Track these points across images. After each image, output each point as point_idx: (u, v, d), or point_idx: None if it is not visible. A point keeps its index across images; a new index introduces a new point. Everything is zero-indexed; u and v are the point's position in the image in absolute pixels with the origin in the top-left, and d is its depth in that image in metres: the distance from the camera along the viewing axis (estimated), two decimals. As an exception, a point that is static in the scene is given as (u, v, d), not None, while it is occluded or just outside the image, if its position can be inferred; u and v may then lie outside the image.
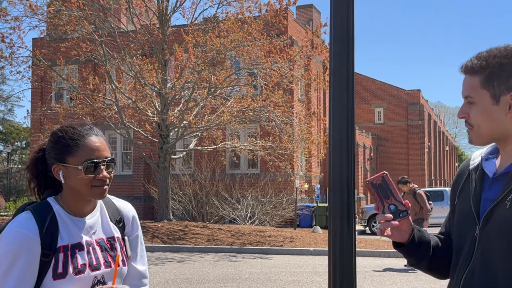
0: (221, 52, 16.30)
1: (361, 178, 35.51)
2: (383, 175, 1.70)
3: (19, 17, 16.32)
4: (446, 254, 1.76)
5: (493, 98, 1.57)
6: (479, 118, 1.60)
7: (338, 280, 2.89)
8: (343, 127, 2.92)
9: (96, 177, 1.80)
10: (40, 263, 1.73)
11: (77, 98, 18.22)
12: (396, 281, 10.05)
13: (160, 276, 10.25)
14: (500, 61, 1.57)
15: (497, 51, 1.59)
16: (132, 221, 2.01)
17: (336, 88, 2.95)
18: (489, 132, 1.60)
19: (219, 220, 20.89)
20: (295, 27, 26.03)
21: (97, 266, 1.82)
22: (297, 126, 18.74)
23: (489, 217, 1.56)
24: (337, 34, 2.90)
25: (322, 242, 15.15)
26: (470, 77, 1.62)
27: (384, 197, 1.69)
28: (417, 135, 40.87)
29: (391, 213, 1.67)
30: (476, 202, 1.63)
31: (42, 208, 1.80)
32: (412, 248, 1.71)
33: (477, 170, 1.69)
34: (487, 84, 1.57)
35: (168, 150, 18.00)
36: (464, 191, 1.70)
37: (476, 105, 1.60)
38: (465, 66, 1.64)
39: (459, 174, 1.79)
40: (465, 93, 1.63)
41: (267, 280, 10.01)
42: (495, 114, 1.58)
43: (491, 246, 1.55)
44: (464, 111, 1.64)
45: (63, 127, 1.86)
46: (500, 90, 1.56)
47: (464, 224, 1.67)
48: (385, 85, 42.33)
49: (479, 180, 1.66)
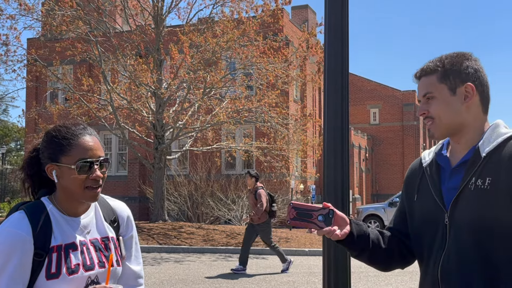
0: (216, 52, 16.28)
1: (356, 179, 35.56)
2: (290, 206, 1.79)
3: (14, 16, 16.26)
4: (388, 248, 1.91)
5: (450, 90, 1.78)
6: (439, 109, 1.79)
7: (333, 280, 2.90)
8: (337, 125, 2.92)
9: (90, 177, 1.78)
10: (33, 263, 1.72)
11: (72, 98, 18.17)
12: (391, 281, 10.06)
13: (155, 277, 10.22)
14: (451, 60, 1.80)
15: (447, 55, 1.83)
16: (126, 221, 1.99)
17: (331, 84, 2.95)
18: (449, 122, 1.78)
19: (215, 220, 20.87)
20: (291, 28, 26.04)
21: (91, 266, 1.81)
22: (292, 127, 18.75)
23: (456, 203, 1.73)
24: (331, 32, 2.91)
25: (318, 243, 15.14)
26: (427, 78, 1.82)
27: (308, 218, 1.77)
28: (412, 135, 40.98)
29: (324, 223, 1.77)
30: (439, 193, 1.79)
31: (36, 208, 1.79)
32: (351, 240, 1.83)
33: (431, 166, 1.86)
34: (444, 78, 1.79)
35: (163, 150, 17.96)
36: (423, 186, 1.86)
37: (436, 98, 1.80)
38: (420, 70, 1.85)
39: (411, 174, 1.97)
40: (423, 91, 1.82)
41: (262, 280, 10.01)
42: (453, 104, 1.78)
43: (463, 229, 1.71)
44: (423, 109, 1.82)
45: (57, 127, 1.85)
46: (456, 83, 1.78)
47: (429, 216, 1.81)
48: (380, 85, 42.42)
49: (436, 174, 1.83)
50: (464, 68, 1.78)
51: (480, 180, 1.69)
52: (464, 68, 1.78)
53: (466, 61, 1.79)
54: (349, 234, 1.82)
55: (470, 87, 1.76)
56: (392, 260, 1.93)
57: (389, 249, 1.91)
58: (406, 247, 1.93)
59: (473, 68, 1.78)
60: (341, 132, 2.87)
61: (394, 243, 1.93)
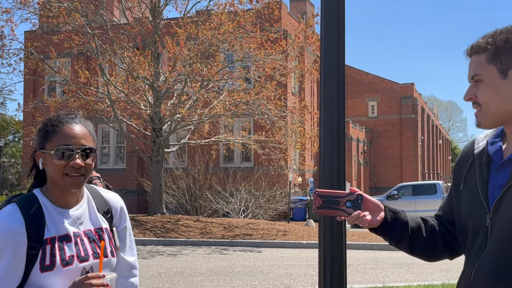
0: (213, 44, 16.23)
1: (354, 172, 35.58)
2: (316, 194, 1.68)
3: (9, 9, 16.17)
4: (431, 237, 1.75)
5: (500, 73, 1.55)
6: (486, 94, 1.57)
7: (329, 272, 2.89)
8: (333, 114, 2.90)
9: (69, 164, 1.75)
10: (26, 255, 1.70)
11: (69, 91, 18.11)
12: (388, 273, 10.08)
13: (153, 269, 10.23)
14: (506, 36, 1.55)
15: (503, 28, 1.58)
16: (120, 212, 1.98)
17: (327, 71, 2.93)
18: (497, 109, 1.56)
19: (213, 213, 20.89)
20: (289, 20, 25.96)
21: (85, 258, 1.79)
22: (290, 119, 18.72)
23: (499, 206, 1.53)
24: (327, 20, 2.88)
25: (315, 235, 15.17)
26: (476, 57, 1.60)
27: (336, 205, 1.67)
28: (410, 128, 40.97)
29: (353, 209, 1.66)
30: (484, 189, 1.59)
31: (28, 200, 1.77)
32: (385, 228, 1.70)
33: (482, 155, 1.64)
34: (494, 59, 1.56)
35: (161, 143, 17.94)
36: (470, 177, 1.66)
37: (484, 82, 1.57)
38: (471, 47, 1.62)
39: (462, 157, 1.75)
40: (471, 73, 1.61)
41: (260, 273, 10.02)
42: (503, 89, 1.55)
43: (503, 235, 1.51)
44: (470, 93, 1.61)
45: (50, 116, 1.86)
46: (507, 64, 1.54)
47: (473, 212, 1.62)
48: (378, 78, 42.37)
49: (485, 166, 1.61)
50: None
51: None
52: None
53: None
54: (384, 221, 1.69)
55: None
56: (435, 249, 1.77)
57: (432, 238, 1.75)
58: (452, 236, 1.76)
59: None
60: (337, 123, 2.85)
61: (439, 232, 1.77)
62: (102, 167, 27.14)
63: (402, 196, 23.38)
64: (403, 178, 37.53)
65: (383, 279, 9.39)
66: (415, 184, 24.72)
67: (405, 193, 23.61)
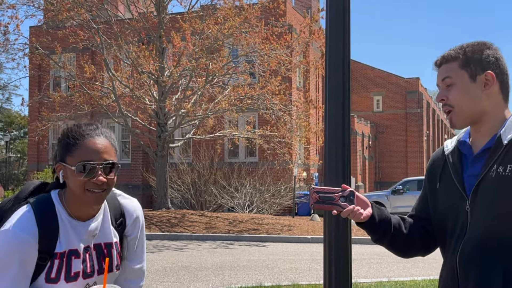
0: (218, 39, 16.20)
1: (359, 167, 35.53)
2: (312, 191, 1.80)
3: (14, 5, 16.19)
4: (410, 234, 1.91)
5: (471, 77, 1.78)
6: (459, 96, 1.78)
7: (334, 267, 2.89)
8: (338, 108, 2.89)
9: (91, 180, 1.69)
10: (36, 265, 1.71)
11: (74, 86, 18.14)
12: (393, 268, 10.09)
13: (158, 264, 10.27)
14: (472, 49, 1.80)
15: (468, 43, 1.83)
16: (134, 221, 1.93)
17: (332, 68, 2.92)
18: (469, 110, 1.78)
19: (218, 208, 20.92)
20: (294, 15, 25.89)
21: (90, 274, 1.79)
22: (295, 114, 18.69)
23: (477, 190, 1.73)
24: (333, 14, 2.87)
25: (320, 230, 15.17)
26: (448, 65, 1.82)
27: (331, 200, 1.79)
28: (415, 123, 40.85)
29: (347, 204, 1.79)
30: (461, 180, 1.80)
31: (44, 208, 1.73)
32: (372, 223, 1.84)
33: (453, 153, 1.87)
34: (464, 65, 1.79)
35: (166, 138, 17.97)
36: (445, 174, 1.87)
37: (456, 85, 1.79)
38: (441, 58, 1.85)
39: (434, 161, 1.97)
40: (442, 76, 1.82)
41: (265, 267, 10.04)
42: (473, 91, 1.78)
43: (483, 215, 1.70)
44: (442, 94, 1.82)
45: (71, 125, 1.80)
46: (476, 70, 1.78)
47: (452, 203, 1.81)
48: (384, 73, 42.22)
49: (458, 161, 1.84)
50: (485, 56, 1.78)
51: (501, 167, 1.69)
52: (485, 56, 1.78)
53: (487, 49, 1.80)
54: (371, 217, 1.82)
55: (491, 75, 1.77)
56: (413, 246, 1.93)
57: (410, 235, 1.91)
58: (428, 233, 1.92)
59: (494, 56, 1.79)
60: (343, 117, 2.84)
61: (416, 229, 1.92)
62: (108, 162, 27.20)
63: (407, 191, 23.32)
64: (408, 173, 37.46)
65: (388, 274, 9.39)
66: (420, 179, 24.62)
67: (410, 188, 23.55)
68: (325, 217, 2.92)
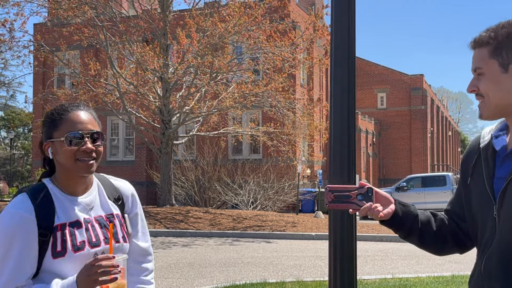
0: (223, 37, 16.20)
1: (363, 164, 35.50)
2: (327, 190, 1.71)
3: (19, 3, 16.22)
4: (441, 230, 1.77)
5: (501, 67, 1.58)
6: (488, 87, 1.60)
7: (339, 264, 2.90)
8: (344, 106, 2.89)
9: (80, 149, 1.78)
10: (38, 242, 1.73)
11: (78, 83, 18.18)
12: (397, 265, 10.09)
13: (163, 261, 10.30)
14: (508, 31, 1.58)
15: (505, 22, 1.61)
16: (131, 198, 2.01)
17: (337, 65, 2.92)
18: (498, 102, 1.60)
19: (222, 205, 20.95)
20: (298, 12, 25.84)
21: (96, 243, 1.81)
22: (299, 111, 18.68)
23: (504, 195, 1.56)
24: (338, 10, 2.87)
25: (324, 227, 15.19)
26: (479, 50, 1.63)
27: (347, 199, 1.70)
28: (419, 120, 40.77)
29: (364, 201, 1.69)
30: (490, 181, 1.62)
31: (37, 189, 1.81)
32: (396, 220, 1.72)
33: (488, 148, 1.67)
34: (495, 53, 1.59)
35: (170, 135, 17.99)
36: (477, 170, 1.69)
37: (485, 75, 1.61)
38: (474, 40, 1.65)
39: (469, 152, 1.78)
40: (473, 66, 1.64)
41: (269, 264, 10.06)
42: (503, 82, 1.58)
43: (508, 225, 1.54)
44: (473, 85, 1.64)
45: (55, 107, 1.89)
46: (508, 58, 1.57)
47: (481, 205, 1.65)
48: (388, 70, 42.15)
49: (491, 159, 1.65)
50: None
51: None
52: None
53: None
54: (394, 214, 1.71)
55: None
56: (445, 243, 1.78)
57: (441, 232, 1.77)
58: (462, 230, 1.77)
59: None
60: (348, 114, 2.84)
61: (449, 226, 1.78)
62: (112, 159, 27.29)
63: (411, 188, 23.31)
64: (412, 170, 37.41)
65: (392, 270, 9.39)
66: (424, 176, 24.64)
67: (414, 185, 23.54)
68: (330, 215, 2.92)
